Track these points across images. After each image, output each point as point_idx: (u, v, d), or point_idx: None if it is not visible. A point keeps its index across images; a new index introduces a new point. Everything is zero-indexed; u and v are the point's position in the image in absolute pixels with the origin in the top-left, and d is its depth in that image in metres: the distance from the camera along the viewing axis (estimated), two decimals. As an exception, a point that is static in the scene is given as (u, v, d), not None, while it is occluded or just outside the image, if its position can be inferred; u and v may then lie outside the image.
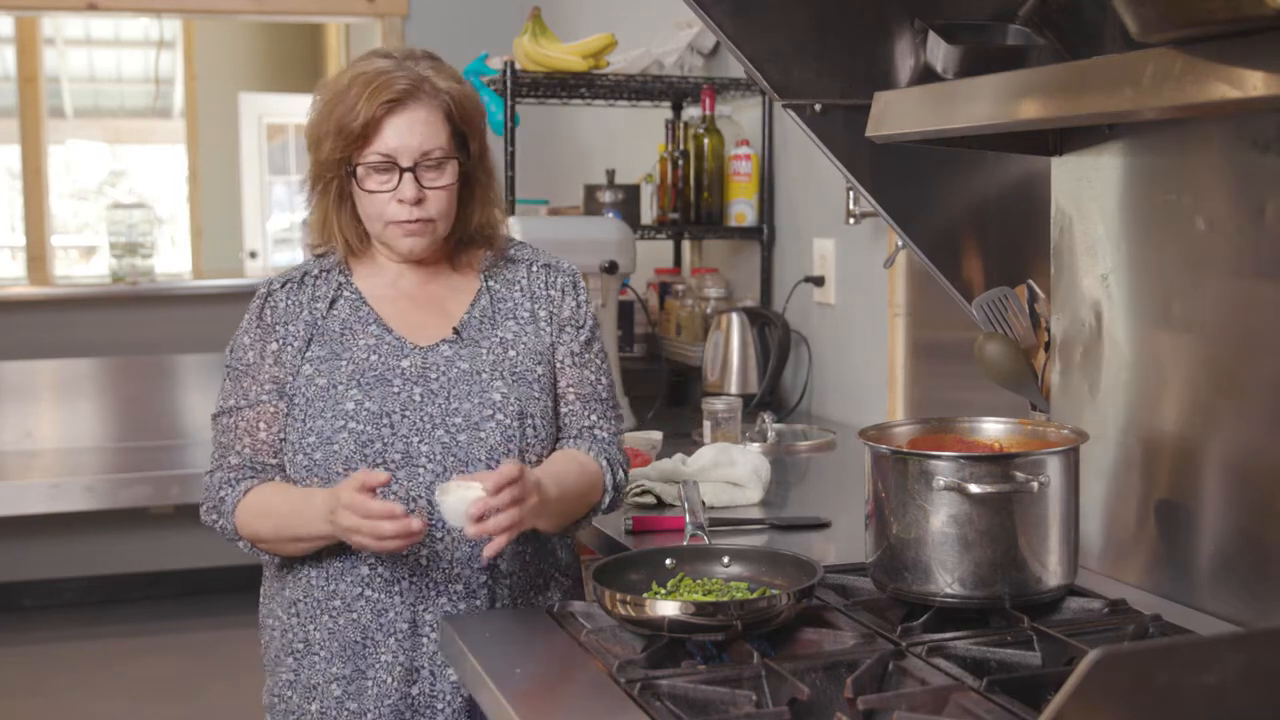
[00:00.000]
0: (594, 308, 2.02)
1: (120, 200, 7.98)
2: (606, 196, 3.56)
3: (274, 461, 1.89)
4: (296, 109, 8.72)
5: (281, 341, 1.89)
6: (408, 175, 1.83)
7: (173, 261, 9.07)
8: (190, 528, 5.29)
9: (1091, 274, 1.90)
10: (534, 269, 1.98)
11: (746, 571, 1.76)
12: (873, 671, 1.44)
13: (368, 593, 1.84)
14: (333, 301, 1.92)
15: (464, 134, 1.89)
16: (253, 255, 8.26)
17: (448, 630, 1.74)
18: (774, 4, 1.93)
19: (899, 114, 1.79)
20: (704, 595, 1.69)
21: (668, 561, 1.77)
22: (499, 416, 1.85)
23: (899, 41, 1.93)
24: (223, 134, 8.54)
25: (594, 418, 1.96)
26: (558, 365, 1.94)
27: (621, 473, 1.96)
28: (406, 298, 1.94)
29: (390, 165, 1.83)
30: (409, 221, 1.85)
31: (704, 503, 2.03)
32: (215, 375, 5.25)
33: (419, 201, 1.85)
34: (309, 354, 1.88)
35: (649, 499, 2.32)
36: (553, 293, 1.96)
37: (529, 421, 1.87)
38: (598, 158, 4.52)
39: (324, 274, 1.94)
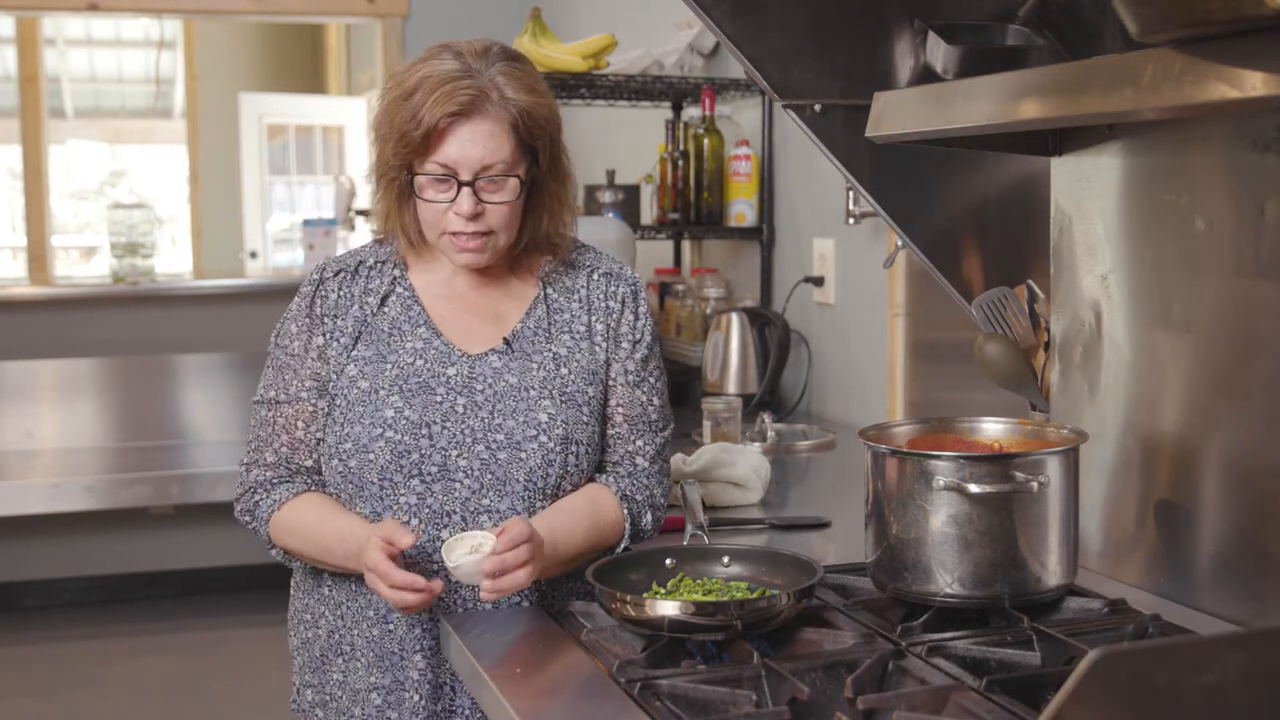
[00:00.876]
0: (654, 329, 1.95)
1: (121, 200, 7.98)
2: (606, 196, 3.56)
3: (309, 463, 1.84)
4: (297, 109, 8.72)
5: (329, 335, 1.83)
6: (465, 189, 1.75)
7: (173, 261, 9.07)
8: (190, 528, 5.30)
9: (1091, 274, 1.90)
10: (594, 277, 1.90)
11: (746, 571, 1.76)
12: (873, 671, 1.44)
13: None
14: (385, 297, 1.85)
15: (533, 146, 1.79)
16: (253, 255, 8.26)
17: (448, 630, 1.74)
18: (774, 4, 1.93)
19: (899, 114, 1.79)
20: (704, 595, 1.69)
21: (668, 561, 1.77)
22: (542, 438, 1.79)
23: (899, 41, 1.93)
24: (223, 134, 8.54)
25: (639, 443, 1.89)
26: (610, 382, 1.87)
27: (649, 516, 1.88)
28: (460, 299, 1.87)
29: (449, 176, 1.75)
30: (465, 234, 1.78)
31: (704, 503, 2.03)
32: (216, 375, 5.29)
33: (476, 215, 1.76)
34: (355, 353, 1.82)
35: (649, 499, 2.32)
36: (611, 304, 1.88)
37: (572, 448, 1.81)
38: (598, 158, 4.52)
39: (379, 265, 1.88)
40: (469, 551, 1.67)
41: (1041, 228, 2.01)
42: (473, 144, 1.74)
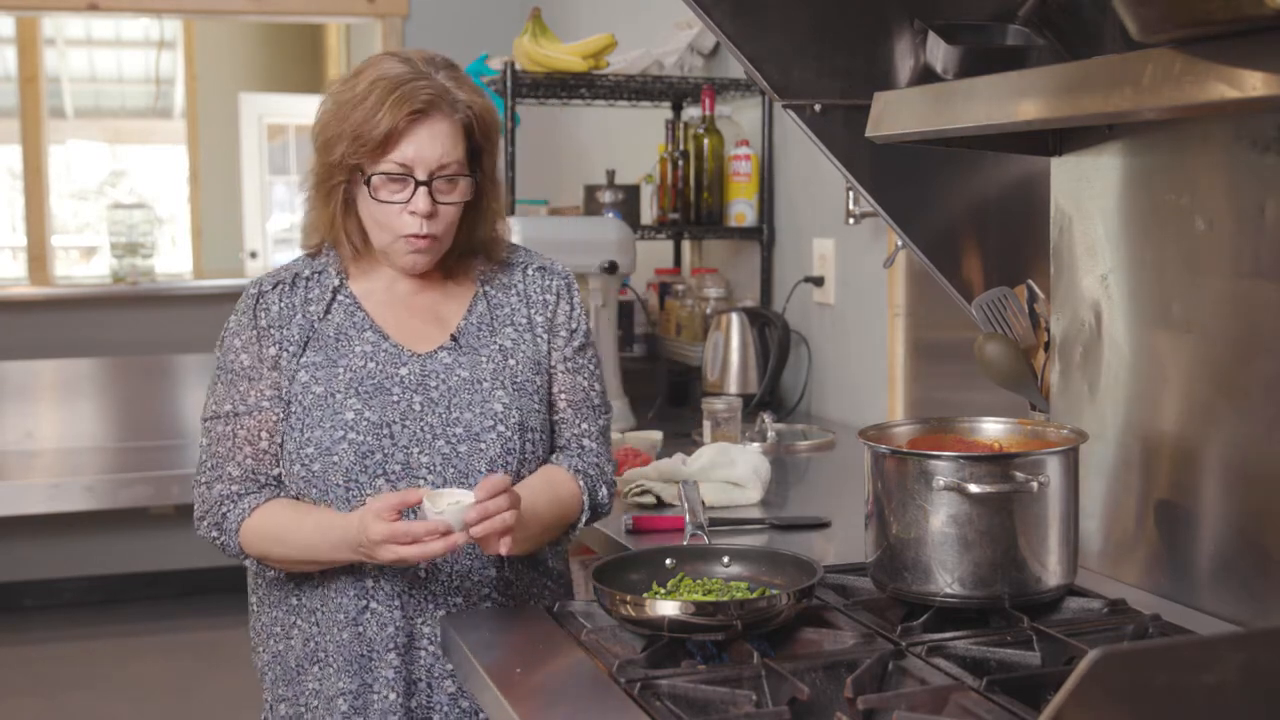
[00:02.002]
0: (593, 309, 2.01)
1: (121, 200, 7.97)
2: (606, 196, 3.56)
3: (275, 472, 1.84)
4: (297, 109, 8.70)
5: (279, 345, 1.84)
6: (422, 189, 1.78)
7: (173, 261, 9.07)
8: (190, 528, 5.28)
9: (1091, 274, 1.90)
10: (529, 272, 1.95)
11: (746, 571, 1.76)
12: (873, 671, 1.44)
13: (372, 605, 1.81)
14: (328, 305, 1.86)
15: (480, 149, 1.84)
16: (253, 255, 8.26)
17: (448, 630, 1.74)
18: (774, 4, 1.93)
19: (899, 114, 1.79)
20: (704, 595, 1.69)
21: (668, 561, 1.77)
22: (500, 428, 1.83)
23: (899, 41, 1.93)
24: (223, 134, 8.53)
25: (585, 425, 1.93)
26: (551, 370, 1.92)
27: (604, 490, 1.92)
28: (401, 303, 1.89)
29: (405, 176, 1.78)
30: (418, 236, 1.80)
31: (704, 503, 2.03)
32: (215, 375, 5.28)
33: (430, 215, 1.79)
34: (304, 359, 1.83)
35: (649, 499, 2.32)
36: (547, 297, 1.93)
37: (529, 435, 1.85)
38: (598, 158, 4.52)
39: (315, 276, 1.89)
40: (451, 503, 1.67)
41: (1041, 228, 2.01)
42: (431, 143, 1.78)
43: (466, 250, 1.92)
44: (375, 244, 1.85)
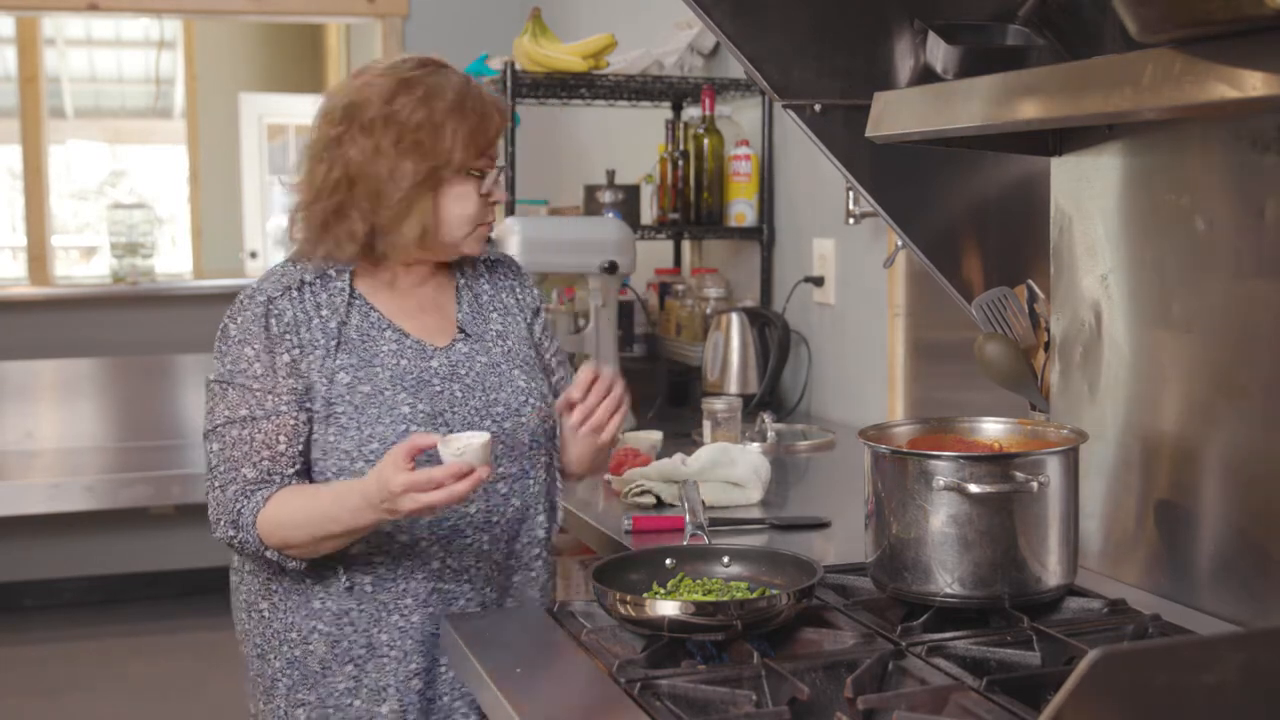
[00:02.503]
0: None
1: (121, 200, 7.97)
2: (606, 196, 3.56)
3: (290, 473, 1.84)
4: (297, 109, 8.68)
5: (299, 350, 1.85)
6: (500, 175, 1.93)
7: (173, 261, 9.06)
8: (190, 528, 5.29)
9: (1091, 274, 1.90)
10: (489, 261, 2.06)
11: (746, 571, 1.76)
12: (873, 671, 1.44)
13: (441, 585, 1.87)
14: (346, 310, 1.89)
15: None
16: (253, 255, 8.25)
17: (448, 630, 1.74)
18: (774, 4, 1.93)
19: (899, 114, 1.79)
20: (704, 595, 1.69)
21: (668, 561, 1.77)
22: (532, 401, 1.95)
23: (899, 41, 1.93)
24: (223, 134, 8.53)
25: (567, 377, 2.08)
26: (536, 343, 2.04)
27: None
28: (406, 299, 1.94)
29: (486, 170, 1.90)
30: (485, 223, 1.93)
31: (704, 503, 2.03)
32: (215, 375, 5.28)
33: (493, 202, 1.93)
34: (339, 361, 1.86)
35: (649, 499, 2.32)
36: (511, 282, 2.06)
37: (549, 403, 1.98)
38: (598, 158, 4.52)
39: (319, 280, 1.90)
40: (459, 449, 1.69)
41: (1041, 228, 2.01)
42: (498, 142, 1.94)
43: None
44: (448, 237, 1.90)
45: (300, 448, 1.84)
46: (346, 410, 1.84)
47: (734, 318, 3.31)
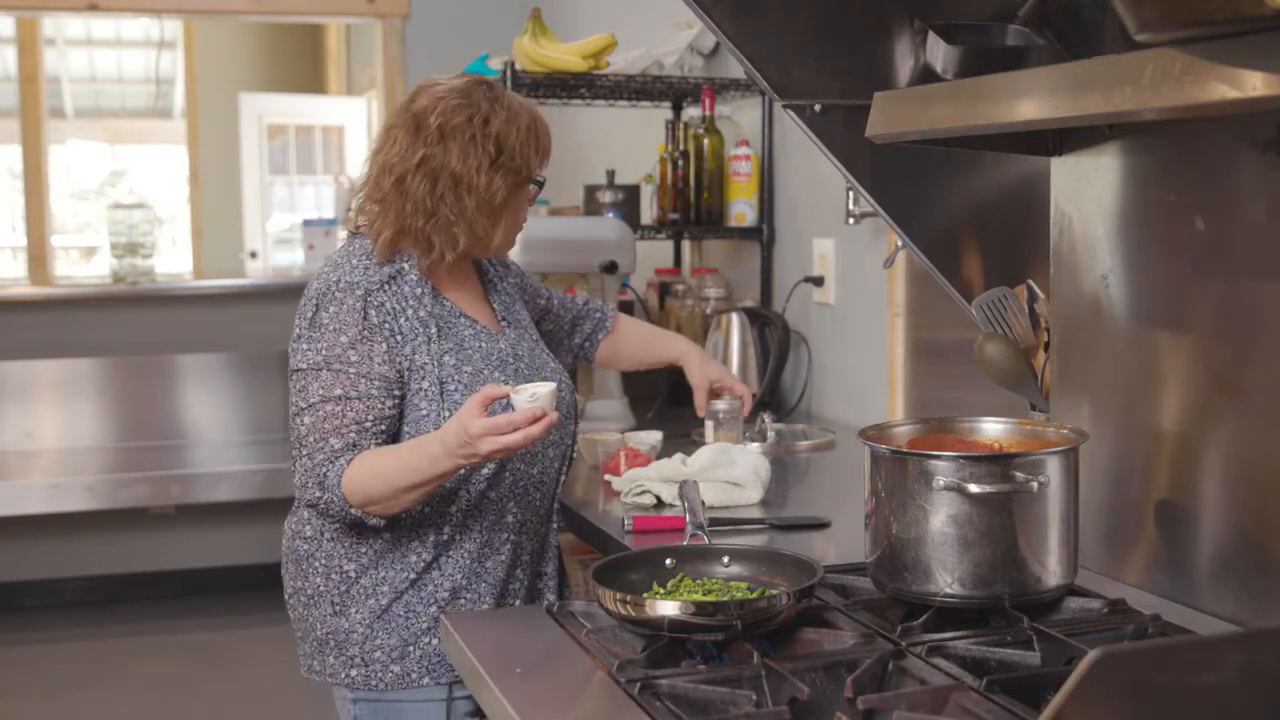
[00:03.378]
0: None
1: (120, 200, 7.98)
2: (606, 196, 3.56)
3: (373, 445, 1.98)
4: (297, 109, 8.68)
5: (399, 338, 2.00)
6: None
7: (173, 261, 9.07)
8: (190, 528, 5.30)
9: (1091, 274, 1.90)
10: (491, 260, 2.26)
11: (746, 571, 1.76)
12: (873, 671, 1.44)
13: (512, 538, 2.09)
14: (431, 301, 2.06)
15: None
16: (253, 255, 8.26)
17: (448, 630, 1.74)
18: (774, 4, 1.93)
19: (899, 114, 1.79)
20: (704, 595, 1.69)
21: (668, 561, 1.77)
22: (562, 377, 2.19)
23: (899, 41, 1.93)
24: (223, 134, 8.53)
25: (561, 295, 2.49)
26: (544, 305, 2.41)
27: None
28: (456, 290, 2.13)
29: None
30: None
31: (704, 503, 2.03)
32: (215, 375, 5.28)
33: None
34: (441, 345, 2.04)
35: (649, 499, 2.32)
36: (502, 270, 2.27)
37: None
38: (598, 158, 4.52)
39: (399, 274, 2.05)
40: (532, 394, 1.87)
41: (1041, 228, 2.01)
42: None
43: None
44: (501, 242, 2.11)
45: (385, 428, 1.99)
46: (458, 389, 2.02)
47: (734, 318, 3.31)
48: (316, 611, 2.07)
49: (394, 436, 2.00)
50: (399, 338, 2.00)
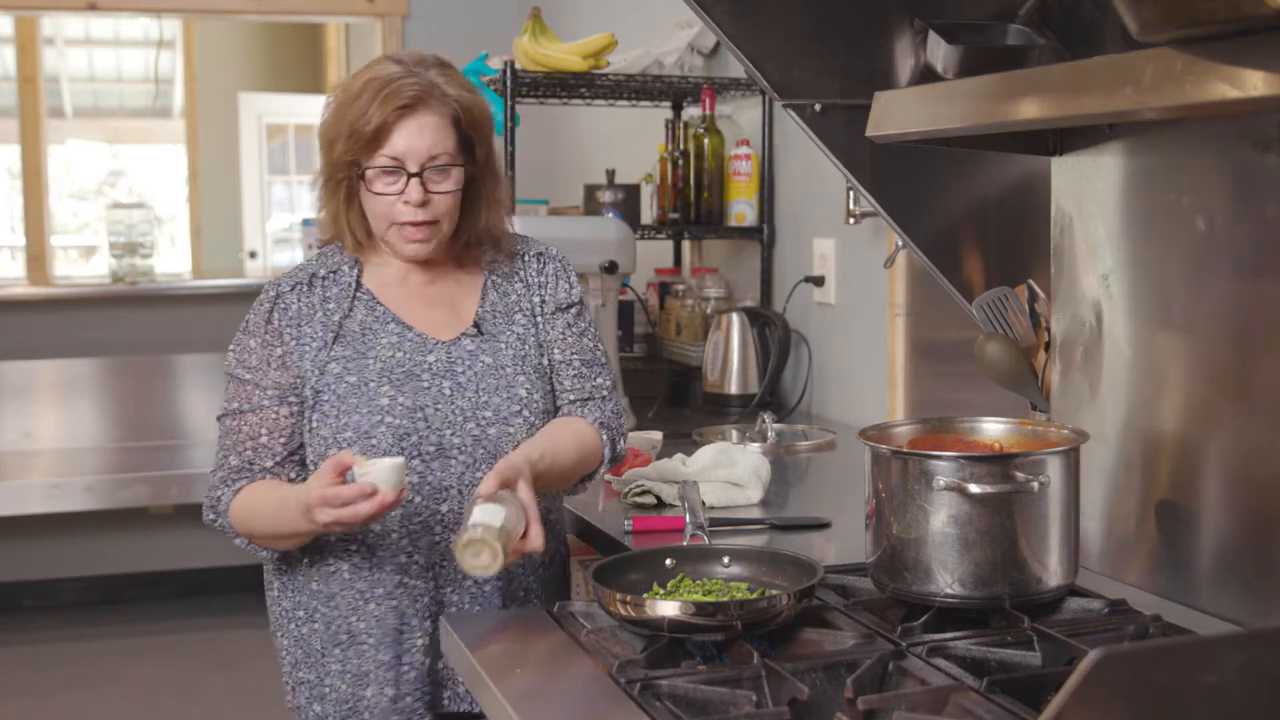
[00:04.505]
0: (594, 309, 2.09)
1: (120, 200, 7.98)
2: (606, 196, 3.56)
3: (270, 464, 1.93)
4: (296, 109, 8.68)
5: (294, 342, 1.93)
6: (414, 179, 1.89)
7: (173, 261, 9.07)
8: (190, 528, 5.29)
9: (1091, 274, 1.90)
10: (527, 259, 2.07)
11: (746, 571, 1.76)
12: (873, 671, 1.44)
13: (406, 580, 1.91)
14: (350, 304, 1.96)
15: (471, 140, 1.95)
16: (252, 255, 8.25)
17: (448, 630, 1.74)
18: (774, 4, 1.93)
19: (899, 114, 1.79)
20: (704, 595, 1.69)
21: (668, 561, 1.77)
22: (525, 413, 1.95)
23: (899, 41, 1.93)
24: (223, 134, 8.53)
25: (599, 380, 2.05)
26: (558, 339, 2.03)
27: (622, 441, 2.06)
28: (417, 295, 2.00)
29: (398, 169, 1.89)
30: (413, 224, 1.91)
31: (704, 503, 2.03)
32: (215, 375, 5.27)
33: (424, 204, 1.90)
34: (334, 353, 1.93)
35: (649, 499, 2.32)
36: (545, 279, 2.05)
37: (548, 419, 1.99)
38: (598, 158, 4.52)
39: (331, 275, 1.98)
40: (367, 470, 1.71)
41: (1041, 228, 2.01)
42: (419, 136, 1.89)
43: (474, 240, 2.02)
44: (377, 234, 1.96)
45: (284, 440, 1.93)
46: (330, 399, 1.91)
47: (734, 318, 3.31)
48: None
49: (301, 447, 1.94)
50: (294, 343, 1.93)
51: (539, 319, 2.03)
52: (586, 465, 1.99)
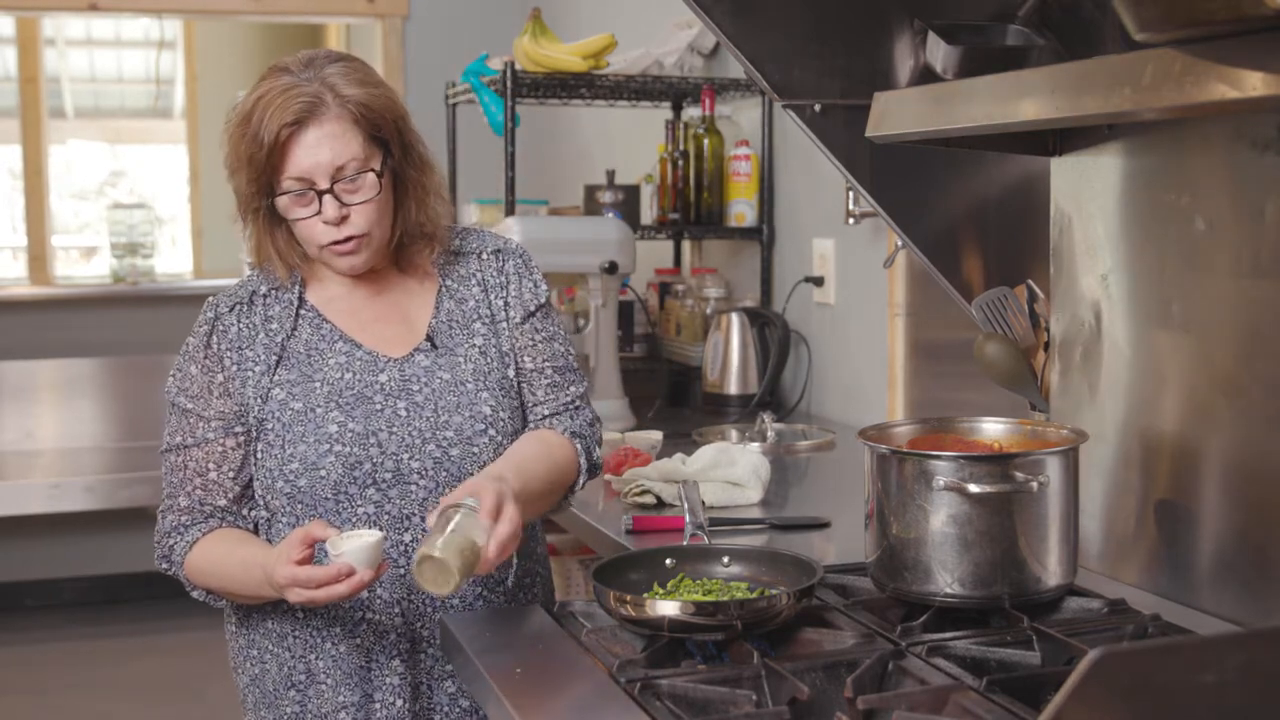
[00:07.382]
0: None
1: (121, 200, 7.97)
2: (606, 196, 3.56)
3: (223, 503, 1.82)
4: (297, 109, 8.59)
5: (235, 368, 1.80)
6: (327, 197, 1.74)
7: (173, 261, 9.06)
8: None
9: (1091, 274, 1.90)
10: (484, 257, 1.91)
11: (746, 571, 1.76)
12: (873, 671, 1.44)
13: (369, 616, 1.80)
14: (294, 323, 1.83)
15: (384, 138, 1.79)
16: (253, 255, 8.25)
17: (448, 630, 1.74)
18: (774, 4, 1.93)
19: (899, 114, 1.79)
20: (704, 595, 1.69)
21: (668, 561, 1.77)
22: (490, 432, 1.81)
23: (899, 41, 1.93)
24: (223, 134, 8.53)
25: (573, 389, 1.92)
26: (528, 345, 1.89)
27: (597, 449, 1.92)
28: (365, 309, 1.86)
29: (308, 188, 1.74)
30: (340, 242, 1.77)
31: (704, 503, 2.03)
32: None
33: (343, 220, 1.76)
34: (277, 377, 1.80)
35: (649, 499, 2.32)
36: (505, 279, 1.90)
37: (515, 437, 1.85)
38: (598, 158, 4.52)
39: (273, 292, 1.85)
40: (344, 549, 1.61)
41: (1041, 228, 2.01)
42: (319, 149, 1.73)
43: (406, 240, 1.87)
44: (311, 256, 1.83)
45: (233, 474, 1.81)
46: (275, 428, 1.78)
47: (734, 318, 3.31)
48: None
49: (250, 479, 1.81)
50: (236, 368, 1.80)
51: (503, 327, 1.88)
52: (562, 479, 1.85)
